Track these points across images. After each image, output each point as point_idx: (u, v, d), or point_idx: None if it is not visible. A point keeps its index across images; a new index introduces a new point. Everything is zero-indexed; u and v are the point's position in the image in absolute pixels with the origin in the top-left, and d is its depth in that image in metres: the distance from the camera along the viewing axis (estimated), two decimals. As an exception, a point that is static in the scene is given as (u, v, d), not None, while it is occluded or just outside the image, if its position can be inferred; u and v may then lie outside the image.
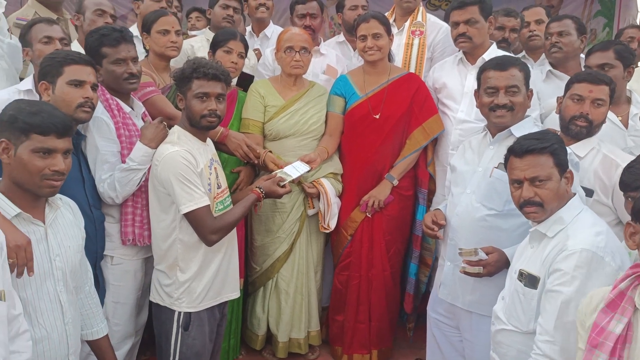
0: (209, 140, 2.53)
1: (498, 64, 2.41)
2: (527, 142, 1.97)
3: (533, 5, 4.06)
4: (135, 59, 2.54)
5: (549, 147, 1.93)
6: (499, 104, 2.37)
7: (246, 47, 3.07)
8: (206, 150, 2.44)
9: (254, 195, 2.48)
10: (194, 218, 2.26)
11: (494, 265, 2.25)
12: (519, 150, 1.97)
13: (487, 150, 2.46)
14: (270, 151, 2.95)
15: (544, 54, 3.67)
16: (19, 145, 1.77)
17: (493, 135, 2.46)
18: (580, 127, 2.38)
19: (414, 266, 3.20)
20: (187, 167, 2.24)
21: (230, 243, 2.49)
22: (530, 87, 2.47)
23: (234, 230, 2.49)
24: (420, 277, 3.25)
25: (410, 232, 3.23)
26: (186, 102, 2.35)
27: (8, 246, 1.65)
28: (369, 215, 3.08)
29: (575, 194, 2.03)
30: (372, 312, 3.18)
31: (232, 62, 2.95)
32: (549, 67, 3.31)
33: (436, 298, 2.64)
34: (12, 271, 1.66)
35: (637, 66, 3.07)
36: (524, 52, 3.85)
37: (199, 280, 2.36)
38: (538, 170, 1.93)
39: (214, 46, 3.01)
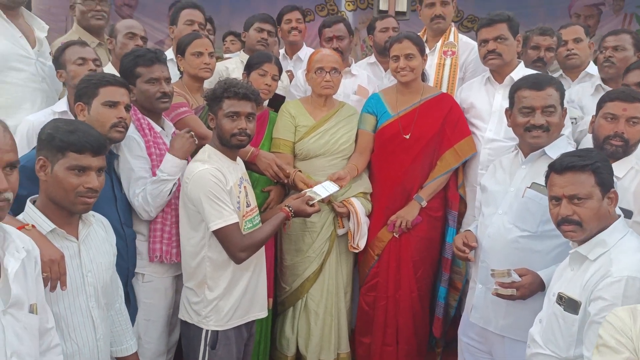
0: (239, 159, 2.57)
1: (534, 83, 2.35)
2: (569, 158, 1.92)
3: (571, 23, 4.00)
4: (168, 79, 2.61)
5: (590, 164, 1.87)
6: (535, 125, 2.31)
7: (280, 70, 3.11)
8: (236, 169, 2.47)
9: (283, 214, 2.49)
10: (222, 235, 2.29)
11: (527, 288, 2.17)
12: (560, 166, 1.92)
13: (519, 170, 2.41)
14: (300, 170, 2.96)
15: (582, 72, 3.61)
16: (55, 162, 1.83)
17: (525, 155, 2.41)
18: (615, 146, 2.32)
19: (443, 289, 3.14)
20: (216, 185, 2.27)
21: (259, 261, 2.51)
22: (565, 105, 2.42)
23: (262, 249, 2.50)
24: (449, 301, 3.20)
25: (439, 255, 3.19)
26: (217, 121, 2.39)
27: (42, 260, 1.68)
28: (396, 236, 3.05)
29: (620, 216, 1.95)
30: (399, 335, 3.12)
31: (266, 84, 3.00)
32: (599, 82, 3.25)
33: (467, 322, 2.57)
34: (45, 285, 1.70)
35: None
36: (561, 72, 3.79)
37: (227, 298, 2.38)
38: (577, 188, 1.87)
39: (249, 68, 3.07)
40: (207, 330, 2.38)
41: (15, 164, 1.47)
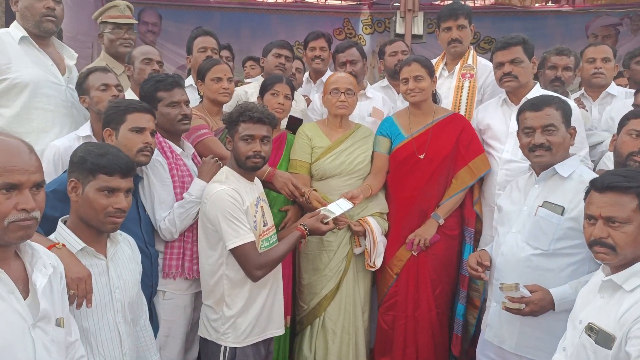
0: (257, 180, 2.65)
1: (533, 105, 2.41)
2: (612, 177, 1.80)
3: (600, 43, 4.00)
4: (187, 102, 2.74)
5: (636, 187, 1.74)
6: (535, 144, 2.35)
7: (292, 89, 3.21)
8: (253, 190, 2.55)
9: (298, 233, 2.56)
10: (239, 254, 2.36)
11: (537, 304, 2.17)
12: (601, 184, 1.80)
13: (532, 189, 2.43)
14: (315, 190, 3.02)
15: (603, 92, 3.62)
16: (86, 184, 1.93)
17: (537, 174, 2.44)
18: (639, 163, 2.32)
19: (461, 307, 3.15)
20: (233, 205, 2.35)
21: (275, 279, 2.57)
22: (573, 124, 2.44)
23: (279, 267, 2.57)
24: (468, 319, 3.19)
25: (457, 273, 3.20)
26: (233, 144, 2.51)
27: (70, 277, 1.76)
28: (415, 254, 3.08)
29: None
30: (419, 355, 3.13)
31: (279, 103, 3.10)
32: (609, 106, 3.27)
33: (484, 341, 2.58)
34: (71, 303, 1.77)
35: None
36: (582, 90, 3.80)
37: (245, 315, 2.44)
38: (617, 210, 1.75)
39: (262, 91, 3.17)
40: (225, 347, 2.44)
41: (41, 183, 1.55)
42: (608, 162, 2.92)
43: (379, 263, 3.08)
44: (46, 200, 1.98)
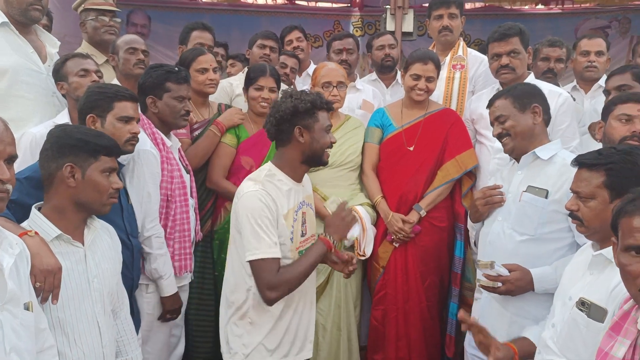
0: (307, 179, 2.33)
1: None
2: (589, 154, 1.89)
3: (595, 35, 3.99)
4: (190, 99, 2.71)
5: (604, 164, 1.80)
6: (495, 135, 2.44)
7: (277, 81, 3.13)
8: (298, 192, 2.24)
9: (322, 245, 2.16)
10: (255, 268, 2.05)
11: (514, 284, 2.16)
12: (575, 160, 1.90)
13: (515, 175, 2.42)
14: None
15: (595, 84, 3.62)
16: (86, 167, 1.87)
17: (518, 161, 2.43)
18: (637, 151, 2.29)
19: (454, 306, 3.11)
20: (262, 211, 2.05)
21: (302, 299, 2.24)
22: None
23: (310, 284, 2.26)
24: (461, 319, 3.14)
25: (448, 265, 3.17)
26: (310, 135, 2.16)
27: (39, 269, 1.65)
28: (396, 246, 3.06)
29: None
30: (411, 348, 3.09)
31: (264, 97, 3.04)
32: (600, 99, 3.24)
33: (474, 332, 2.54)
34: (37, 295, 1.66)
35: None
36: (574, 82, 3.78)
37: (270, 337, 2.17)
38: (582, 186, 1.84)
39: (247, 83, 3.11)
40: None
41: (14, 158, 1.51)
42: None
43: (369, 251, 3.03)
44: (20, 187, 1.94)
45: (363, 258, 3.05)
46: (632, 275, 1.42)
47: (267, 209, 2.05)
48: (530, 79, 3.01)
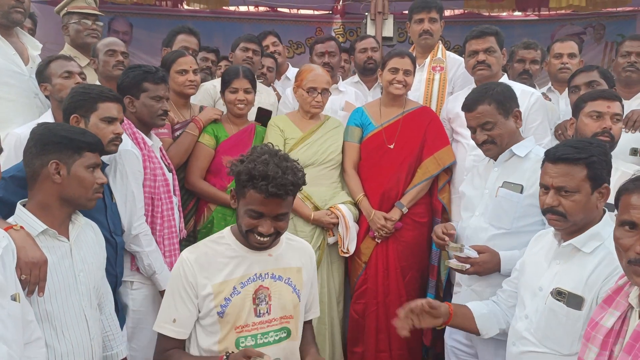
0: (276, 249, 1.96)
1: (466, 105, 2.47)
2: (564, 149, 1.88)
3: (567, 38, 4.09)
4: (168, 99, 2.72)
5: (585, 158, 1.83)
6: (478, 142, 2.45)
7: (252, 81, 3.15)
8: (257, 262, 1.91)
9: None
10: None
11: (482, 266, 2.26)
12: (553, 156, 1.89)
13: (492, 172, 2.48)
14: None
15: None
16: (71, 163, 1.90)
17: (495, 159, 2.49)
18: (604, 142, 2.32)
19: (431, 296, 3.15)
20: (180, 277, 1.86)
21: None
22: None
23: None
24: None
25: (428, 260, 3.21)
26: (239, 209, 1.86)
27: (24, 261, 1.68)
28: (378, 242, 3.11)
29: (605, 210, 1.91)
30: (391, 341, 3.12)
31: (239, 99, 3.08)
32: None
33: (453, 324, 2.58)
34: (23, 288, 1.68)
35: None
36: (550, 84, 3.88)
37: None
38: (567, 180, 1.83)
39: (222, 87, 3.15)
40: None
41: None
42: None
43: (352, 248, 3.08)
44: (5, 185, 1.97)
45: (346, 255, 3.11)
46: (623, 248, 1.50)
47: (186, 277, 1.85)
48: (504, 79, 3.09)
